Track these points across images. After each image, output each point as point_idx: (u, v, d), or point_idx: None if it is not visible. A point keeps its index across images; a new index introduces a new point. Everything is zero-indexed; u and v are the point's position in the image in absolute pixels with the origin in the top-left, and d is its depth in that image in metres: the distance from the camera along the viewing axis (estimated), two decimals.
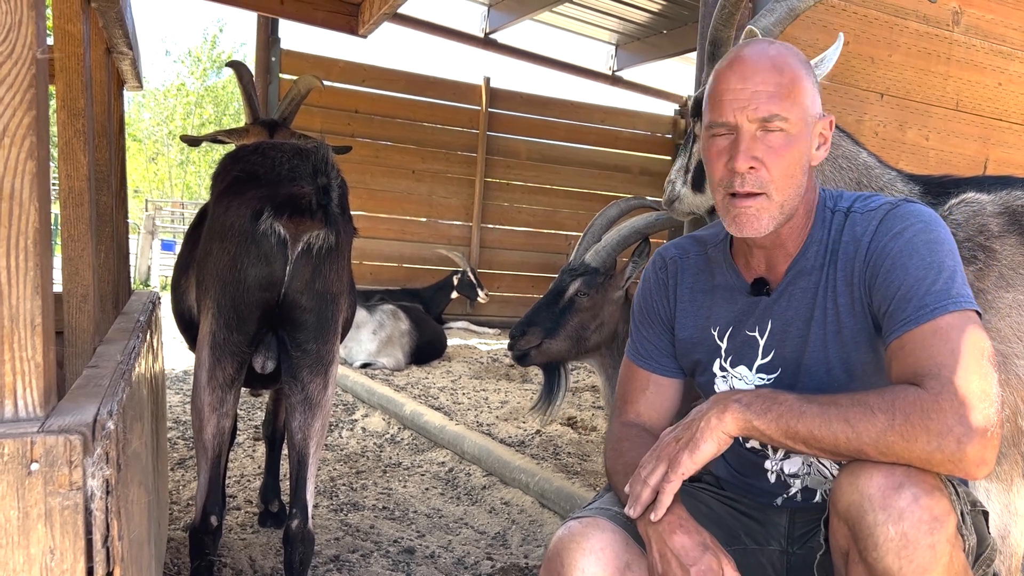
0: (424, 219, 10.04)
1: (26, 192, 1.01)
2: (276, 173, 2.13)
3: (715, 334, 1.63)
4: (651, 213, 3.14)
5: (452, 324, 9.44)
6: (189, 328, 2.55)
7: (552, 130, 10.66)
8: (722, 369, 1.62)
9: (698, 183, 2.19)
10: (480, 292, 8.96)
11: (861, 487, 1.25)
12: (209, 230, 2.20)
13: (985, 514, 1.45)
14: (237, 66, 3.89)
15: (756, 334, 1.57)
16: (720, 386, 1.63)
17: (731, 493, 1.68)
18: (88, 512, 0.99)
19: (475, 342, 8.66)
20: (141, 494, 1.46)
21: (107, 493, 1.02)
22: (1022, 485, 1.89)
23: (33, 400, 1.03)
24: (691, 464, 1.35)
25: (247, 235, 2.06)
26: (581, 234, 3.25)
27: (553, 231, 10.61)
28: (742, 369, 1.59)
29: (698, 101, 2.14)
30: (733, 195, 1.44)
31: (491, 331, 9.58)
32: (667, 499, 1.36)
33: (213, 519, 2.14)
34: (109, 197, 2.12)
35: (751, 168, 1.42)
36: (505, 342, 8.73)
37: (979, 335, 1.30)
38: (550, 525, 3.32)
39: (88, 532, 0.99)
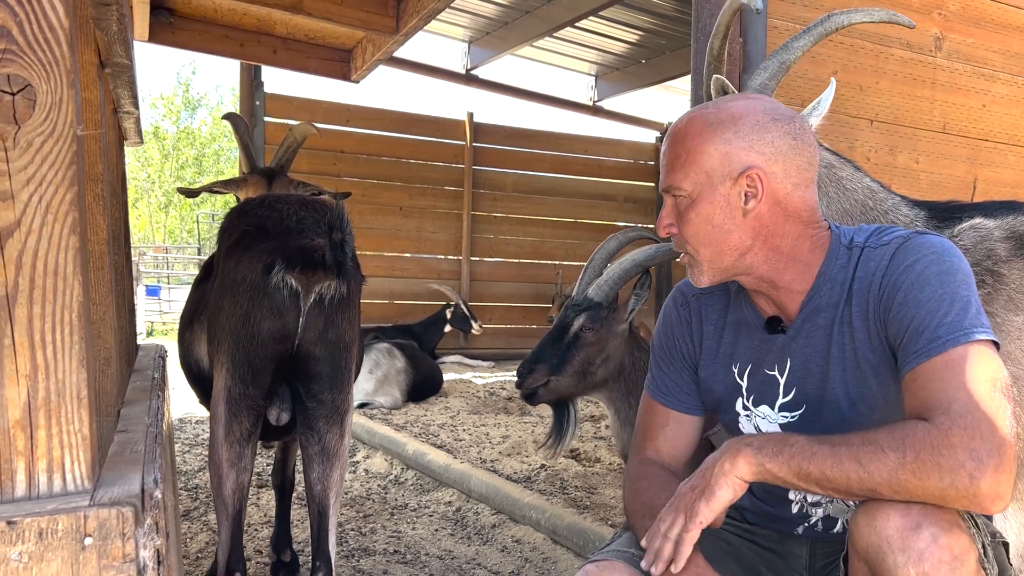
0: (413, 255, 10.05)
1: (70, 267, 1.02)
2: (284, 226, 2.15)
3: (735, 371, 1.63)
4: (651, 245, 3.17)
5: (446, 359, 9.41)
6: (199, 381, 2.54)
7: (536, 162, 10.75)
8: (745, 408, 1.63)
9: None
10: (474, 324, 8.93)
11: (879, 528, 1.24)
12: (220, 286, 2.20)
13: (1005, 545, 1.46)
14: (233, 118, 3.92)
15: (776, 373, 1.58)
16: (744, 425, 1.64)
17: (751, 524, 1.68)
18: None
19: (470, 376, 8.63)
20: (175, 559, 1.46)
21: (158, 563, 1.01)
22: None
23: (81, 473, 1.03)
24: (708, 512, 1.36)
25: (259, 289, 2.07)
26: (571, 263, 3.29)
27: (542, 261, 10.64)
28: (764, 408, 1.60)
29: None
30: None
31: (485, 364, 9.55)
32: (687, 550, 1.36)
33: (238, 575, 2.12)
34: (121, 257, 2.13)
35: (670, 232, 1.56)
36: (500, 375, 8.74)
37: (992, 366, 1.28)
38: (564, 562, 3.30)
39: None
